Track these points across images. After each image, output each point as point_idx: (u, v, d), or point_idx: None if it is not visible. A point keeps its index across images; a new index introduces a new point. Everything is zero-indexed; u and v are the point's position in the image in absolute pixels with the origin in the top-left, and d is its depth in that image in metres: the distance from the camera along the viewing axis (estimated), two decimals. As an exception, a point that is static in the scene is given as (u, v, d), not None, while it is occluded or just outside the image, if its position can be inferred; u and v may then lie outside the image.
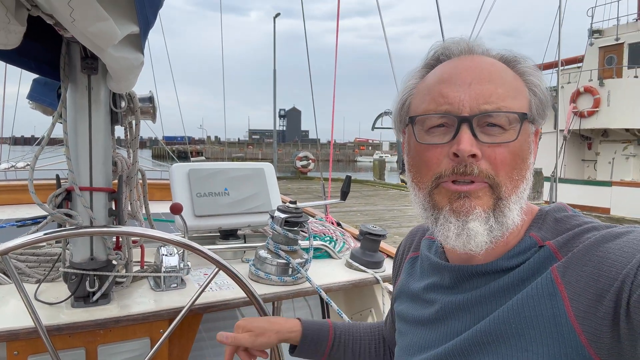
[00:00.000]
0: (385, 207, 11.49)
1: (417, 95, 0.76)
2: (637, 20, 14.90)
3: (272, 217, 1.59)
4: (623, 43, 14.36)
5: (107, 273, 1.28)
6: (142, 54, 1.13)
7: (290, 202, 1.60)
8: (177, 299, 1.39)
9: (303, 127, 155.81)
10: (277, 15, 22.39)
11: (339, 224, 2.29)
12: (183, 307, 1.20)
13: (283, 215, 1.56)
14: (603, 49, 14.56)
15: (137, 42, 1.09)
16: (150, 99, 1.41)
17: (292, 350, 1.09)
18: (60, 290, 1.35)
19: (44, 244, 1.60)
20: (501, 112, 0.68)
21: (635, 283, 0.57)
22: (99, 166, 1.27)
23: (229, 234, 1.94)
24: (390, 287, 1.67)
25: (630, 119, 13.43)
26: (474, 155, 0.67)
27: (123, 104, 1.34)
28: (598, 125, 13.92)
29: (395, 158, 33.02)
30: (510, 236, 0.72)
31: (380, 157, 28.57)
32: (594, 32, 15.55)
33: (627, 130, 13.88)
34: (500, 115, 0.68)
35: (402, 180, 21.59)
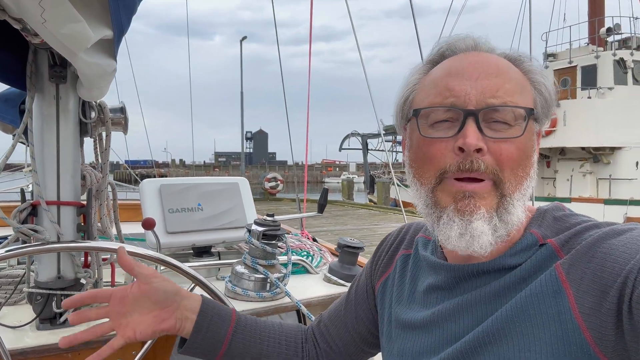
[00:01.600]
0: (355, 227, 11.51)
1: (422, 90, 0.74)
2: (588, 44, 15.77)
3: (249, 230, 1.55)
4: (576, 66, 15.15)
5: (76, 292, 1.21)
6: (115, 60, 1.10)
7: (268, 215, 1.57)
8: (150, 319, 1.32)
9: (270, 149, 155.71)
10: (244, 38, 22.57)
11: (314, 239, 2.26)
12: None
13: (261, 229, 1.52)
14: (557, 71, 15.32)
15: (110, 47, 1.06)
16: (122, 110, 1.36)
17: (182, 344, 0.88)
18: (24, 312, 1.26)
19: (5, 265, 1.50)
20: (508, 107, 0.67)
21: (638, 279, 0.56)
22: (67, 179, 1.21)
23: (202, 251, 1.88)
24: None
25: (585, 138, 14.07)
26: (479, 150, 0.65)
27: (93, 114, 1.28)
28: (556, 144, 14.51)
29: (362, 179, 33.32)
30: (508, 235, 0.71)
31: (348, 177, 28.77)
32: (549, 56, 16.37)
33: (582, 148, 14.53)
34: (506, 110, 0.67)
35: (371, 200, 21.78)
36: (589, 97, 14.63)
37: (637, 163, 14.60)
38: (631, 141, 14.44)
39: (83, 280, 1.24)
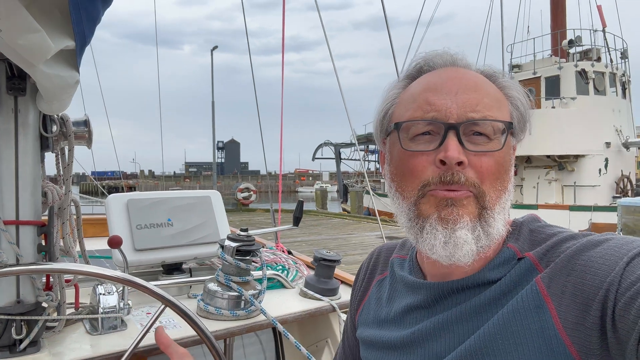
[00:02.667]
0: (329, 236, 11.49)
1: (401, 104, 0.75)
2: (551, 55, 16.35)
3: (222, 246, 1.49)
4: (540, 77, 15.68)
5: (37, 317, 1.13)
6: (78, 71, 1.04)
7: (242, 230, 1.52)
8: (118, 343, 1.25)
9: (242, 159, 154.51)
10: (215, 48, 22.43)
11: (289, 252, 2.22)
12: (125, 352, 1.07)
13: (234, 244, 1.47)
14: (522, 82, 15.80)
15: (72, 58, 1.00)
16: (86, 123, 1.30)
17: None
18: (-22, 340, 1.18)
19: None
20: (488, 121, 0.67)
21: (620, 291, 0.56)
22: (27, 197, 1.14)
23: (173, 268, 1.81)
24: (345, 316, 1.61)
25: (550, 146, 14.53)
26: (460, 163, 0.65)
27: (54, 127, 1.22)
28: (522, 153, 14.91)
29: (335, 187, 33.43)
30: (489, 248, 0.70)
31: (321, 186, 28.79)
32: (514, 67, 16.89)
33: (548, 156, 14.99)
34: (486, 124, 0.67)
35: (344, 209, 21.83)
36: (553, 107, 15.15)
37: (599, 170, 15.15)
38: (593, 149, 14.99)
39: (45, 304, 1.17)
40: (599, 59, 15.80)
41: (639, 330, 0.52)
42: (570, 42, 15.93)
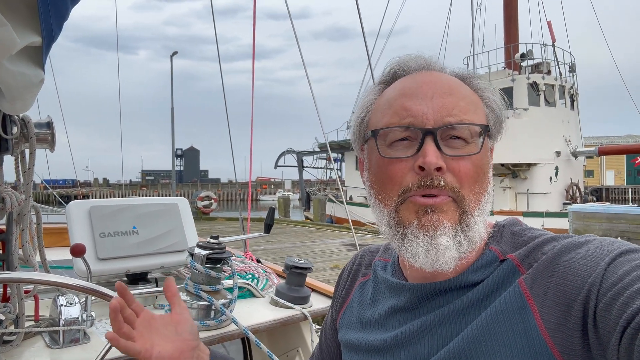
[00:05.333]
0: (292, 244, 11.41)
1: (377, 110, 0.74)
2: (504, 68, 17.04)
3: (192, 254, 1.45)
4: (494, 88, 16.27)
5: (-8, 332, 1.06)
6: (43, 70, 0.99)
7: (212, 237, 1.48)
8: (80, 356, 1.19)
9: (202, 167, 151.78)
10: (175, 53, 22.01)
11: (258, 261, 2.18)
12: None
13: (204, 252, 1.43)
14: (478, 93, 16.35)
15: (38, 55, 0.95)
16: (49, 125, 1.23)
17: None
18: None
19: None
20: (464, 124, 0.67)
21: (601, 292, 0.57)
22: None
23: (138, 278, 1.74)
24: (318, 325, 1.59)
25: (504, 155, 15.08)
26: (439, 169, 0.65)
27: (15, 129, 1.15)
28: (479, 161, 15.39)
29: (297, 196, 33.36)
30: (471, 252, 0.70)
31: (283, 194, 28.66)
32: (470, 78, 17.45)
33: (502, 164, 15.55)
34: (463, 128, 0.68)
35: (307, 217, 21.79)
36: (507, 117, 15.52)
37: (550, 178, 15.86)
38: (545, 158, 15.70)
39: (1, 316, 1.09)
40: (549, 72, 16.61)
41: (620, 331, 0.53)
42: (523, 56, 16.68)
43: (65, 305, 1.27)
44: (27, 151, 1.21)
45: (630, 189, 24.30)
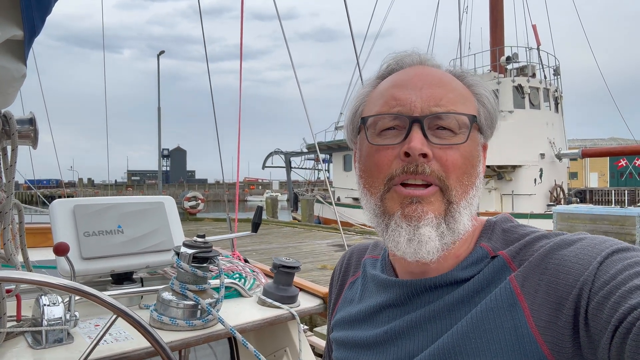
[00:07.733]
0: (280, 245, 11.38)
1: (370, 101, 0.76)
2: (490, 71, 17.22)
3: (178, 253, 1.43)
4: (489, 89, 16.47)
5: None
6: (25, 64, 0.97)
7: (198, 236, 1.46)
8: (63, 357, 1.17)
9: (189, 167, 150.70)
10: (162, 53, 21.83)
11: (246, 260, 2.16)
12: None
13: (191, 251, 1.41)
14: (465, 95, 16.50)
15: (20, 49, 0.93)
16: (31, 121, 1.20)
17: None
18: None
19: None
20: (451, 114, 0.68)
21: (593, 290, 0.57)
22: None
23: (123, 278, 1.71)
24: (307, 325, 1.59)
25: (490, 157, 15.03)
26: (425, 155, 0.66)
27: (-4, 125, 1.12)
28: (465, 162, 15.53)
29: (285, 196, 33.29)
30: (461, 247, 0.71)
31: (271, 195, 28.58)
32: (457, 80, 17.62)
33: (488, 166, 15.67)
34: (450, 118, 0.68)
35: (295, 218, 21.75)
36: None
37: (535, 180, 16.07)
38: (529, 160, 15.90)
39: (-20, 318, 1.06)
40: (534, 75, 16.83)
41: (611, 330, 0.53)
42: (508, 59, 16.88)
43: (49, 305, 1.24)
44: (9, 148, 1.18)
45: (613, 191, 24.71)
